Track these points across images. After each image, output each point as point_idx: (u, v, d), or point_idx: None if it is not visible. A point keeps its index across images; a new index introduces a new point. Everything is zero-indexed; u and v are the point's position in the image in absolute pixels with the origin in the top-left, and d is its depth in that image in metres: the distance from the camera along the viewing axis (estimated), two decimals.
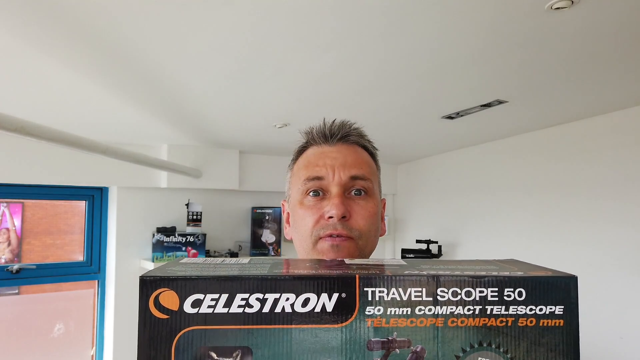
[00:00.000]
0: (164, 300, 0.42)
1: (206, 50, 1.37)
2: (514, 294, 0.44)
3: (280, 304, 0.43)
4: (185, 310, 0.42)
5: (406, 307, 0.44)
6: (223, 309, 0.42)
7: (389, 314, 0.43)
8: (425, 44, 1.36)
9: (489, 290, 0.44)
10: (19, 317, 2.77)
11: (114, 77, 1.60)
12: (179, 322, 0.42)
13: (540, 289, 0.44)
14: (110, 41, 1.29)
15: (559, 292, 0.44)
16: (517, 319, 0.44)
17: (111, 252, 2.79)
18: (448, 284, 0.44)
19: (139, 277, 0.42)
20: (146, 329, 0.42)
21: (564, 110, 2.14)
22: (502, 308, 0.44)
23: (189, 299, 0.42)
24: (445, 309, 0.44)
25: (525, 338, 0.44)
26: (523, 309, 0.44)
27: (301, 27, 1.23)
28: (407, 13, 1.18)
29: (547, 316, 0.44)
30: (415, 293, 0.44)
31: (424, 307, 0.44)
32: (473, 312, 0.44)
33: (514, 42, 1.35)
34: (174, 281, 0.42)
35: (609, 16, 1.21)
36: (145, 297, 0.42)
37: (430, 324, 0.43)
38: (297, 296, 0.43)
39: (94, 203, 2.82)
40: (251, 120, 2.25)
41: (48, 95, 1.78)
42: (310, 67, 1.52)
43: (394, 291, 0.44)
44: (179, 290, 0.42)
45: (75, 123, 2.18)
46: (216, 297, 0.42)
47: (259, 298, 0.43)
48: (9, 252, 2.73)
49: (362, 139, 0.82)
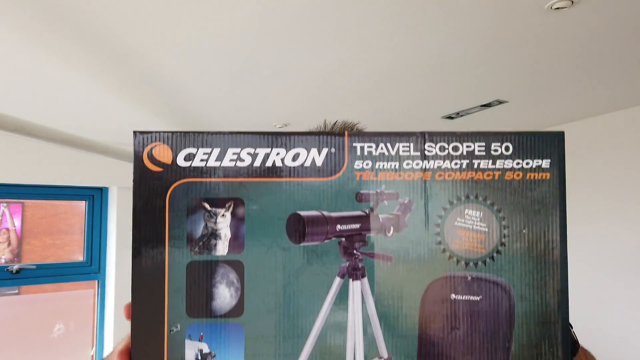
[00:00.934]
0: (158, 153, 0.43)
1: (206, 50, 1.37)
2: (500, 149, 0.44)
3: (270, 159, 0.44)
4: (178, 163, 0.43)
5: (394, 162, 0.44)
6: (215, 162, 0.44)
7: (377, 167, 0.44)
8: (425, 44, 1.36)
9: (476, 144, 0.44)
10: (19, 317, 2.77)
11: (114, 77, 1.59)
12: (173, 174, 0.43)
13: (527, 143, 0.44)
14: (110, 41, 1.29)
15: (545, 146, 0.44)
16: (504, 172, 0.44)
17: (111, 252, 2.79)
18: (435, 139, 0.44)
19: (133, 131, 0.44)
20: (141, 183, 0.43)
21: (564, 110, 2.14)
22: (489, 162, 0.44)
23: (182, 152, 0.43)
24: (432, 163, 0.44)
25: (512, 191, 0.44)
26: (510, 162, 0.44)
27: (301, 27, 1.23)
28: (407, 14, 1.17)
29: (534, 170, 0.44)
30: (403, 148, 0.44)
31: (412, 162, 0.44)
32: (460, 166, 0.44)
33: (514, 42, 1.35)
34: (167, 135, 0.44)
35: (609, 16, 1.21)
36: (139, 151, 0.43)
37: (417, 178, 0.44)
38: (287, 151, 0.44)
39: (94, 203, 2.81)
40: (251, 121, 2.25)
41: (48, 95, 1.78)
42: (310, 67, 1.52)
43: (382, 146, 0.44)
44: (172, 144, 0.43)
45: (75, 123, 2.18)
46: (208, 151, 0.44)
47: (250, 152, 0.44)
48: (9, 252, 2.72)
49: None
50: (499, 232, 0.44)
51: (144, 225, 0.43)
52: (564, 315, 0.43)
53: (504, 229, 0.44)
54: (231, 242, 0.43)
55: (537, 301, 0.43)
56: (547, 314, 0.43)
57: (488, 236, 0.44)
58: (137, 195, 0.43)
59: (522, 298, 0.43)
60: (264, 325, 0.43)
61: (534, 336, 0.43)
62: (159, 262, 0.43)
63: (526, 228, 0.44)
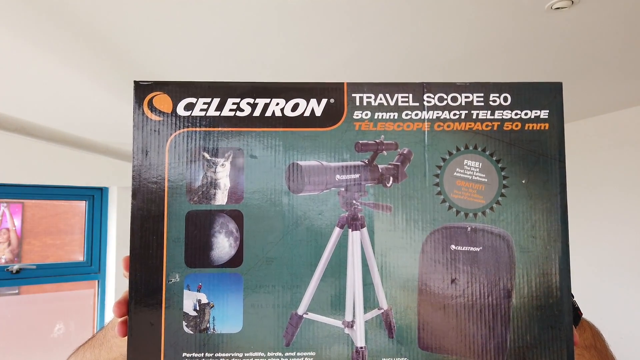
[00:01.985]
0: (158, 103, 0.43)
1: (206, 50, 1.37)
2: (499, 99, 0.44)
3: (270, 109, 0.44)
4: (178, 113, 0.43)
5: (393, 112, 0.44)
6: (215, 112, 0.43)
7: (377, 118, 0.44)
8: (425, 44, 1.36)
9: (475, 95, 0.44)
10: (19, 317, 2.77)
11: (115, 77, 1.60)
12: (173, 123, 0.43)
13: (526, 94, 0.44)
14: (110, 41, 1.29)
15: (544, 97, 0.44)
16: (503, 123, 0.44)
17: (111, 252, 2.79)
18: (434, 90, 0.45)
19: (134, 81, 0.43)
20: (141, 131, 0.43)
21: (564, 110, 2.14)
22: (487, 113, 0.44)
23: (182, 102, 0.43)
24: (431, 113, 0.44)
25: (511, 141, 0.44)
26: (508, 113, 0.44)
27: (301, 27, 1.23)
28: (406, 13, 1.18)
29: (532, 120, 0.44)
30: (402, 98, 0.44)
31: (411, 112, 0.44)
32: (459, 116, 0.44)
33: (514, 42, 1.35)
34: (167, 85, 0.44)
35: (609, 16, 1.21)
36: (140, 100, 0.43)
37: (417, 128, 0.44)
38: (287, 101, 0.44)
39: (94, 203, 2.81)
40: None
41: (48, 95, 1.78)
42: (310, 67, 1.52)
43: (382, 96, 0.44)
44: (172, 94, 0.43)
45: (75, 123, 2.18)
46: (208, 101, 0.44)
47: (250, 102, 0.44)
48: (9, 252, 2.72)
49: None
50: (498, 182, 0.44)
51: (143, 175, 0.43)
52: (564, 265, 0.43)
53: (503, 180, 0.44)
54: (230, 191, 0.43)
55: (537, 252, 0.43)
56: (548, 265, 0.43)
57: (487, 186, 0.44)
58: (136, 144, 0.43)
59: (522, 249, 0.43)
60: (263, 275, 0.43)
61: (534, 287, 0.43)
62: (158, 212, 0.43)
63: (525, 178, 0.43)
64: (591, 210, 2.24)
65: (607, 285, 2.15)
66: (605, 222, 2.18)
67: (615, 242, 2.13)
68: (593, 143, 2.25)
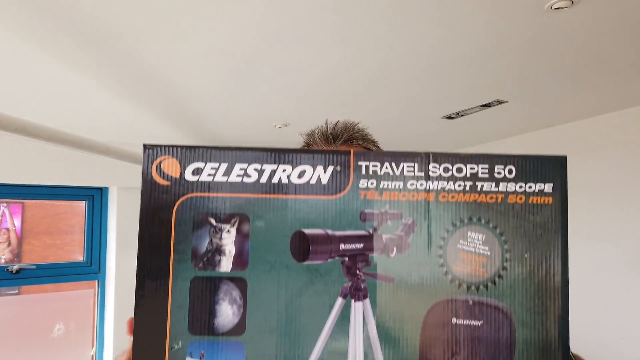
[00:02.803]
0: (166, 167, 0.44)
1: (206, 50, 1.37)
2: (504, 171, 0.44)
3: (277, 175, 0.44)
4: (186, 178, 0.44)
5: (398, 181, 0.44)
6: (222, 177, 0.44)
7: (382, 187, 0.44)
8: (425, 44, 1.36)
9: (480, 166, 0.44)
10: (19, 317, 2.77)
11: (114, 77, 1.59)
12: (180, 188, 0.44)
13: (531, 166, 0.44)
14: (110, 41, 1.29)
15: (548, 170, 0.44)
16: (507, 195, 0.44)
17: (111, 252, 2.79)
18: (440, 160, 0.45)
19: (143, 144, 0.44)
20: (148, 195, 0.43)
21: (564, 110, 2.14)
22: (492, 184, 0.44)
23: (190, 167, 0.44)
24: (436, 184, 0.44)
25: (514, 215, 0.44)
26: (513, 185, 0.44)
27: (301, 27, 1.23)
28: (407, 13, 1.17)
29: (537, 194, 0.44)
30: (408, 168, 0.44)
31: (416, 182, 0.44)
32: (464, 187, 0.44)
33: (514, 42, 1.35)
34: (176, 149, 0.44)
35: (609, 16, 1.21)
36: (149, 164, 0.43)
37: (421, 198, 0.44)
38: (294, 168, 0.44)
39: (94, 203, 2.81)
40: (251, 121, 2.25)
41: (48, 95, 1.78)
42: (310, 67, 1.52)
43: (387, 165, 0.45)
44: (181, 158, 0.44)
45: (75, 123, 2.18)
46: (216, 166, 0.44)
47: (257, 169, 0.44)
48: (9, 252, 2.72)
49: (366, 142, 0.80)
50: (501, 255, 0.44)
51: (149, 239, 0.43)
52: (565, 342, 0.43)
53: (506, 253, 0.44)
54: (235, 258, 0.43)
55: (537, 328, 0.43)
56: (548, 341, 0.43)
57: (490, 259, 0.44)
58: (144, 208, 0.43)
59: (523, 324, 0.43)
60: (265, 344, 0.43)
61: None
62: (163, 277, 0.43)
63: (528, 252, 0.44)
64: (591, 210, 2.24)
65: (606, 285, 2.15)
66: (605, 222, 2.18)
67: (615, 242, 2.13)
68: (593, 143, 2.25)
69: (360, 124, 0.82)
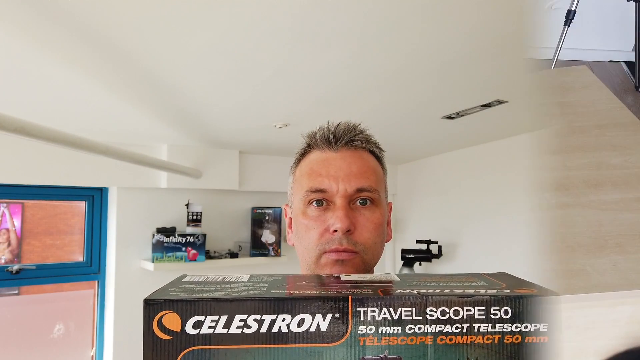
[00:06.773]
0: (167, 322, 0.44)
1: (206, 50, 1.37)
2: (500, 313, 0.45)
3: (277, 325, 0.45)
4: (187, 331, 0.44)
5: (397, 326, 0.45)
6: (223, 329, 0.44)
7: (381, 332, 0.45)
8: (425, 44, 1.36)
9: (476, 309, 0.46)
10: (19, 318, 2.77)
11: (114, 77, 1.60)
12: (182, 342, 0.44)
13: (526, 307, 0.46)
14: (110, 41, 1.29)
15: (543, 310, 0.46)
16: (503, 336, 0.45)
17: (111, 253, 2.79)
18: (437, 304, 0.46)
19: (143, 300, 0.45)
20: (151, 350, 0.44)
21: None
22: (488, 326, 0.45)
23: (190, 321, 0.44)
24: (434, 327, 0.45)
25: (510, 354, 0.45)
26: (509, 326, 0.45)
27: (301, 26, 1.23)
28: (407, 13, 1.18)
29: (532, 333, 0.45)
30: (406, 312, 0.45)
31: (414, 326, 0.45)
32: (461, 330, 0.45)
33: (514, 42, 1.35)
34: (176, 304, 0.45)
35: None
36: (150, 319, 0.44)
37: (420, 342, 0.45)
38: (293, 317, 0.45)
39: (93, 203, 2.82)
40: (251, 121, 2.25)
41: (48, 95, 1.78)
42: (310, 67, 1.52)
43: (385, 311, 0.45)
44: (181, 313, 0.44)
45: (75, 123, 2.18)
46: (216, 319, 0.44)
47: (257, 319, 0.44)
48: (8, 252, 2.73)
49: (368, 144, 0.79)
50: None
51: None
52: None
53: None
54: None
55: None
56: None
57: None
58: None
59: None
60: None
61: None
62: None
63: None
64: None
65: None
66: None
67: None
68: None
69: (362, 124, 0.81)
